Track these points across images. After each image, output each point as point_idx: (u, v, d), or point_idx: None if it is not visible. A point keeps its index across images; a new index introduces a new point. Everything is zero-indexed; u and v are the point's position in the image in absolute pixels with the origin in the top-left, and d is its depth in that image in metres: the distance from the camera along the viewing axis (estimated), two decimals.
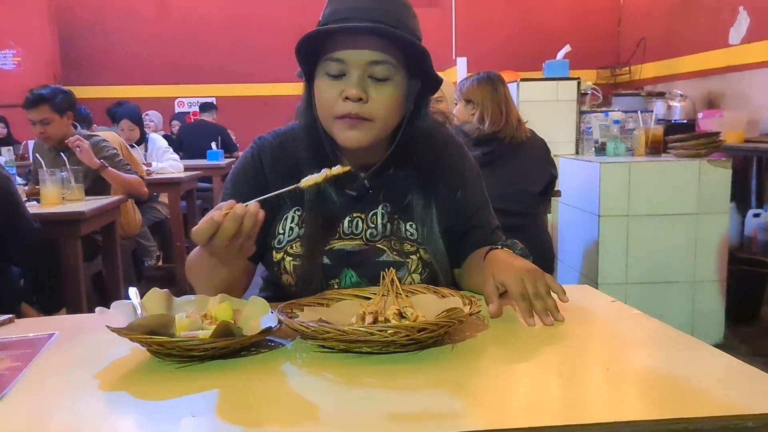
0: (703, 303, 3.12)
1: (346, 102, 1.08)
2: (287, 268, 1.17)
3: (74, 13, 7.78)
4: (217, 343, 0.84)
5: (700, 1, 5.49)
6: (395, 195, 1.19)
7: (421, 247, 1.18)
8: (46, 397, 0.78)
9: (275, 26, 7.59)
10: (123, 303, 0.96)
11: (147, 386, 0.80)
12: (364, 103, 1.08)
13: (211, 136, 5.81)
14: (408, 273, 1.16)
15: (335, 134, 1.12)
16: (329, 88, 1.09)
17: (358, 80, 1.07)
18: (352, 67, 1.08)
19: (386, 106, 1.10)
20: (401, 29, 1.08)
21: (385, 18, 1.08)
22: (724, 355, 0.85)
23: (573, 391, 0.78)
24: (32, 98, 3.06)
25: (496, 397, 0.77)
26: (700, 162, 3.05)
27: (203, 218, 0.92)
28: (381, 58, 1.08)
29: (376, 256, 1.16)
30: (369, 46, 1.07)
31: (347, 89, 1.07)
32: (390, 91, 1.10)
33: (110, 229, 3.06)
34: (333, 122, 1.11)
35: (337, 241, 1.17)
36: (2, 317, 1.09)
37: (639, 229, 3.08)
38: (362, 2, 1.09)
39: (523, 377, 0.83)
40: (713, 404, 0.70)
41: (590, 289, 1.21)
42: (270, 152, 1.22)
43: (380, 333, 0.84)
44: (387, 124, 1.12)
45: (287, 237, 1.17)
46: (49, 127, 3.10)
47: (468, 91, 2.67)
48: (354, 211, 1.19)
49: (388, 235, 1.17)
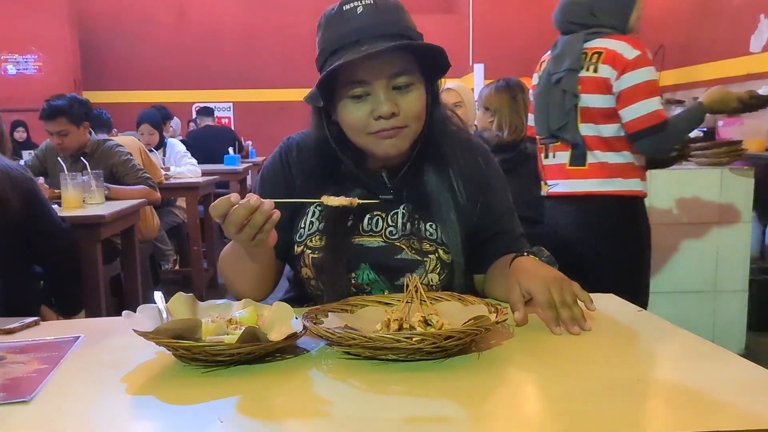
0: (725, 313, 3.08)
1: (379, 120, 1.10)
2: (306, 262, 1.19)
3: (94, 20, 7.88)
4: (243, 348, 0.84)
5: (720, 9, 5.44)
6: (417, 194, 1.20)
7: (440, 247, 1.18)
8: (74, 399, 0.78)
9: (291, 33, 7.63)
10: (149, 307, 0.96)
11: (174, 390, 0.80)
12: (396, 116, 1.10)
13: (220, 140, 5.82)
14: (425, 272, 1.17)
15: (372, 148, 1.14)
16: (357, 110, 1.11)
17: (386, 98, 1.09)
18: (377, 88, 1.09)
19: (416, 111, 1.12)
20: (407, 34, 1.10)
21: (390, 28, 1.09)
22: (754, 366, 0.83)
23: (601, 402, 0.77)
24: (49, 110, 3.08)
25: (522, 406, 0.76)
26: (722, 170, 3.02)
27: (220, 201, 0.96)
28: (401, 69, 1.10)
29: (394, 254, 1.18)
30: (388, 64, 1.09)
31: (377, 109, 1.09)
32: (415, 96, 1.12)
33: (129, 232, 3.09)
34: (367, 138, 1.13)
35: (356, 237, 1.19)
36: (27, 320, 1.10)
37: (659, 237, 3.03)
38: (363, 21, 1.09)
39: (550, 387, 0.82)
40: (742, 417, 0.69)
41: (615, 299, 1.20)
42: (297, 152, 1.26)
43: (407, 340, 0.83)
44: (419, 125, 1.15)
45: (308, 231, 1.20)
46: (67, 138, 3.12)
47: (486, 98, 2.67)
48: (375, 209, 1.20)
49: (408, 234, 1.18)
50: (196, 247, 4.29)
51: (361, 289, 1.19)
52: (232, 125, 7.91)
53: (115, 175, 3.24)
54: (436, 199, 1.20)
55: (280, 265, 1.25)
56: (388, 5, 1.11)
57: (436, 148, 1.21)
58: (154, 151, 4.40)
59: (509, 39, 7.05)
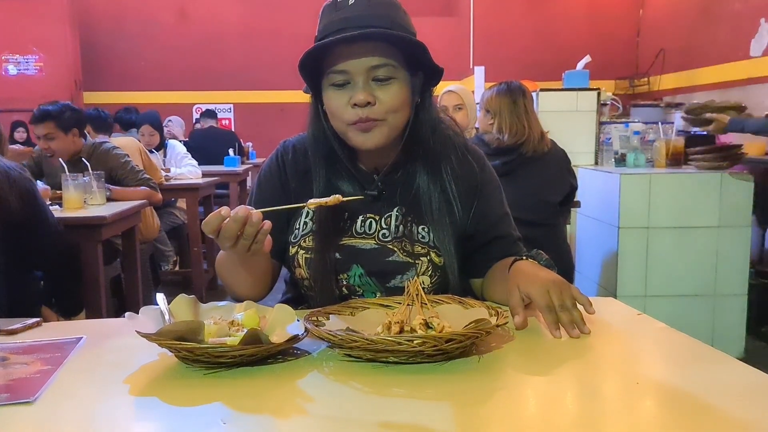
0: (724, 317, 3.09)
1: (356, 108, 1.11)
2: (300, 262, 1.20)
3: (95, 20, 7.88)
4: (245, 350, 0.84)
5: (721, 13, 5.46)
6: (410, 198, 1.21)
7: (433, 250, 1.19)
8: (78, 400, 0.79)
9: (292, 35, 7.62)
10: (151, 308, 0.97)
11: (176, 391, 0.81)
12: (372, 106, 1.11)
13: (221, 142, 5.82)
14: (417, 274, 1.18)
15: (350, 139, 1.16)
16: (337, 97, 1.13)
17: (363, 86, 1.11)
18: (356, 75, 1.11)
19: (394, 105, 1.13)
20: (395, 29, 1.11)
21: (378, 22, 1.10)
22: (753, 370, 0.84)
23: (601, 405, 0.77)
24: (38, 114, 3.09)
25: (522, 409, 0.77)
26: (722, 174, 3.02)
27: (214, 211, 0.98)
28: (381, 62, 1.11)
29: (386, 256, 1.19)
30: (368, 52, 1.10)
31: (354, 96, 1.11)
32: (395, 90, 1.13)
33: (130, 233, 3.09)
34: (346, 128, 1.15)
35: (349, 238, 1.20)
36: (29, 321, 1.10)
37: (659, 241, 3.06)
38: (353, 11, 1.11)
39: (550, 390, 0.83)
40: (741, 420, 0.69)
41: (615, 302, 1.20)
42: (292, 154, 1.28)
43: (408, 343, 0.84)
44: (397, 120, 1.16)
45: (302, 231, 1.21)
46: (52, 142, 3.12)
47: (487, 101, 2.68)
48: (368, 212, 1.21)
49: (400, 236, 1.19)
50: (196, 248, 4.30)
51: (352, 290, 1.20)
52: (232, 126, 7.92)
53: (114, 178, 3.22)
54: (428, 202, 1.21)
55: (277, 266, 1.26)
56: (381, 1, 1.13)
57: (426, 149, 1.21)
58: (155, 152, 4.40)
59: (510, 42, 7.06)
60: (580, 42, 6.49)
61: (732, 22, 5.26)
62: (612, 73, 6.68)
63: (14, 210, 2.03)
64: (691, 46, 5.85)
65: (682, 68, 5.97)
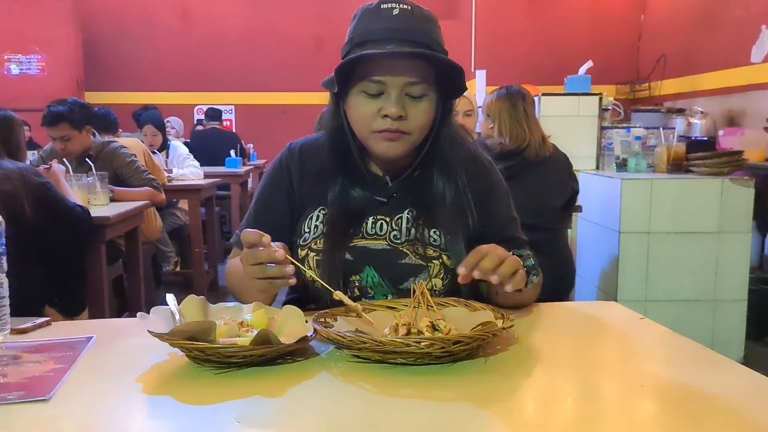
0: (724, 322, 3.10)
1: (385, 119, 1.12)
2: (311, 264, 1.21)
3: (98, 20, 7.89)
4: (256, 350, 0.86)
5: (722, 19, 5.48)
6: (421, 201, 1.23)
7: (444, 253, 1.20)
8: (92, 398, 0.80)
9: (294, 37, 7.65)
10: (161, 309, 0.98)
11: (189, 390, 0.82)
12: (402, 119, 1.12)
13: (223, 143, 5.83)
14: (429, 277, 1.18)
15: (371, 145, 1.17)
16: (367, 105, 1.14)
17: (397, 99, 1.12)
18: (391, 88, 1.12)
19: (423, 121, 1.15)
20: (434, 47, 1.12)
21: (420, 38, 1.12)
22: (753, 373, 0.85)
23: (603, 408, 0.79)
24: (50, 117, 3.08)
25: (529, 411, 0.78)
26: (723, 180, 3.04)
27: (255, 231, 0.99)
28: (418, 79, 1.12)
29: (399, 258, 1.19)
30: (407, 68, 1.11)
31: (386, 108, 1.12)
32: (426, 107, 1.15)
33: (133, 234, 3.10)
34: (369, 135, 1.16)
35: (360, 239, 1.21)
36: (39, 320, 1.11)
37: (660, 246, 3.07)
38: (396, 23, 1.12)
39: (555, 392, 0.84)
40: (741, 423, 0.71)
41: (618, 306, 1.22)
42: (298, 157, 1.28)
43: (416, 345, 0.85)
44: (422, 135, 1.18)
45: (312, 234, 1.22)
46: (69, 143, 3.13)
47: (488, 105, 2.69)
48: (379, 213, 1.22)
49: (412, 239, 1.20)
50: (198, 248, 4.31)
51: (364, 291, 1.20)
52: (233, 128, 7.92)
53: (119, 177, 3.25)
54: (441, 206, 1.22)
55: None
56: (423, 15, 1.14)
57: (441, 157, 1.23)
58: (157, 153, 4.41)
59: (511, 45, 7.08)
60: (581, 47, 6.52)
61: (733, 28, 5.28)
62: (613, 78, 6.70)
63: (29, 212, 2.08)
64: (693, 52, 5.87)
65: (683, 74, 5.99)
